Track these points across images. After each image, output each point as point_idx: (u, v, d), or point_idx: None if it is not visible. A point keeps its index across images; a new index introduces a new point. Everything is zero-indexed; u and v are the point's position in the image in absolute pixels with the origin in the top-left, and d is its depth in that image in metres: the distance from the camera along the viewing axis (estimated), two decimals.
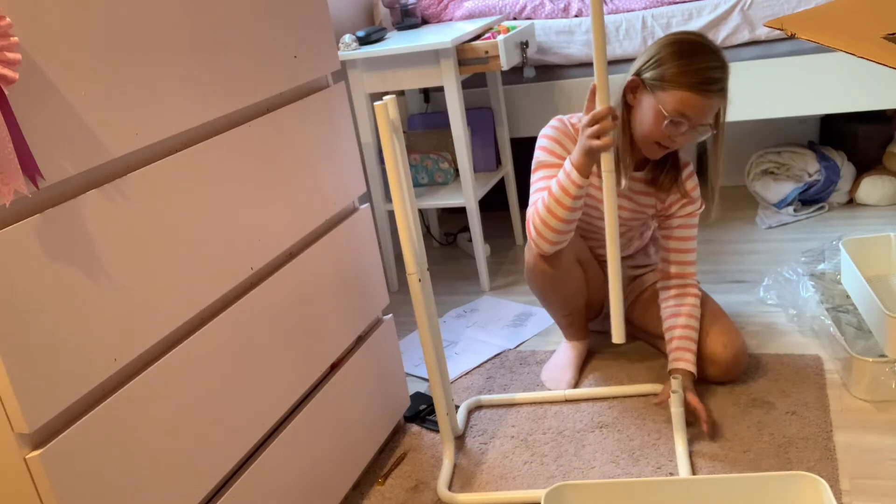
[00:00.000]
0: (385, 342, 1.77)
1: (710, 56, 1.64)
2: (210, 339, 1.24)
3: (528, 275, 1.92)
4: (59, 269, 0.98)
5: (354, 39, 2.38)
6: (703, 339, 1.82)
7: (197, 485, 1.21)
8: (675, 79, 1.62)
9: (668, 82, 1.63)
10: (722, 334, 1.82)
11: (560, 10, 2.71)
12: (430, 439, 1.83)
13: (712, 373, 1.82)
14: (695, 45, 1.64)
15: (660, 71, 1.64)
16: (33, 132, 0.94)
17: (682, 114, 1.64)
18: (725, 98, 1.67)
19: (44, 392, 0.96)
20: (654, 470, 1.61)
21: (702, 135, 1.70)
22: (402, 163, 1.58)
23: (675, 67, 1.62)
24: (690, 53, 1.63)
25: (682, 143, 1.73)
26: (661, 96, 1.64)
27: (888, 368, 1.67)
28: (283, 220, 1.43)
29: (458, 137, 2.40)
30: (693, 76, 1.62)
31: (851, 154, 2.73)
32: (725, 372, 1.82)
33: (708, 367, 1.82)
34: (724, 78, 1.64)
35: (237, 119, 1.34)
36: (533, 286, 1.94)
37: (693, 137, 1.70)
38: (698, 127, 1.67)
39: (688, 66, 1.62)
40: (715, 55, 1.64)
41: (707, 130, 1.69)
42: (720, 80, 1.63)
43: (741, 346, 1.83)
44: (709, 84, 1.62)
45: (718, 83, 1.63)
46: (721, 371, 1.81)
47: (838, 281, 2.12)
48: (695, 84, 1.61)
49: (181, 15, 1.19)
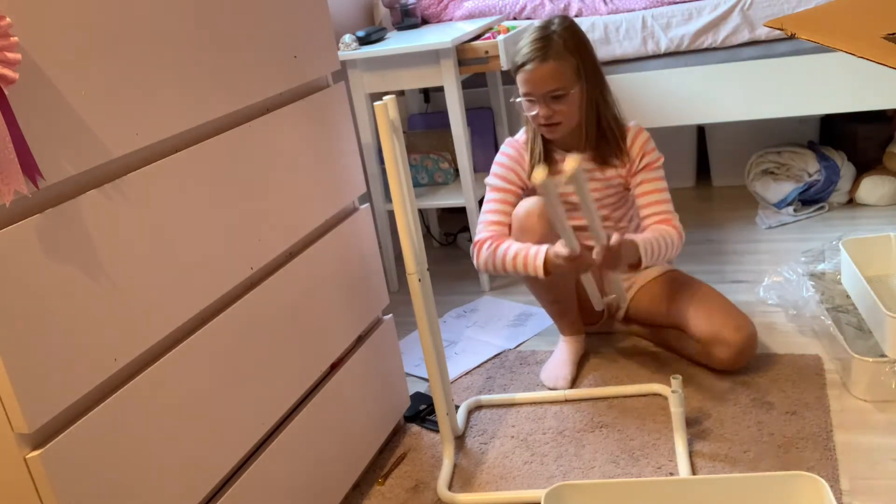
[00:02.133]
0: (385, 342, 1.77)
1: (533, 31, 1.80)
2: (210, 339, 1.24)
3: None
4: (59, 269, 0.98)
5: (354, 39, 2.38)
6: (715, 322, 1.83)
7: (197, 484, 1.21)
8: (514, 67, 1.82)
9: (514, 72, 1.83)
10: (733, 317, 1.83)
11: (560, 10, 2.71)
12: (430, 439, 1.83)
13: (723, 356, 1.82)
14: (524, 30, 1.82)
15: (513, 62, 1.83)
16: (33, 132, 0.94)
17: (525, 93, 1.82)
18: (564, 59, 1.78)
19: (44, 392, 0.96)
20: (654, 470, 1.61)
21: (563, 102, 1.79)
22: (402, 163, 1.58)
23: (514, 60, 1.82)
24: (517, 38, 1.81)
25: (548, 117, 1.81)
26: (517, 80, 1.83)
27: (888, 368, 1.67)
28: (283, 220, 1.43)
29: (458, 137, 2.41)
30: (519, 56, 1.80)
31: (851, 154, 2.73)
32: (737, 354, 1.81)
33: (719, 351, 1.82)
34: (546, 45, 1.77)
35: (237, 119, 1.34)
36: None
37: (552, 108, 1.79)
38: (548, 96, 1.79)
39: (516, 50, 1.82)
40: (539, 29, 1.80)
41: (563, 93, 1.78)
42: (542, 47, 1.77)
43: (753, 330, 1.83)
44: (531, 55, 1.77)
45: (540, 51, 1.76)
46: (733, 353, 1.81)
47: (838, 281, 2.12)
48: (520, 63, 1.79)
49: (181, 15, 1.19)
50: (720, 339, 1.81)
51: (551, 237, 1.74)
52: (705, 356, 1.87)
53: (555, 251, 1.67)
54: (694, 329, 1.86)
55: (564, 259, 1.65)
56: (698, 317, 1.86)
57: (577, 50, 1.80)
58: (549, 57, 1.76)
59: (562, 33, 1.78)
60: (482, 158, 2.75)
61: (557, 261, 1.68)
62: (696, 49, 2.57)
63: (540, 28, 1.81)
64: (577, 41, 1.80)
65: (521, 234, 1.82)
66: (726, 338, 1.81)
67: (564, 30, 1.79)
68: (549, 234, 1.77)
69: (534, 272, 1.74)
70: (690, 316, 1.87)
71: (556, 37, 1.78)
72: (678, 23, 2.55)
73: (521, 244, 1.79)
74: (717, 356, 1.83)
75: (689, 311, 1.87)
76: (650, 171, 1.88)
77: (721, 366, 1.85)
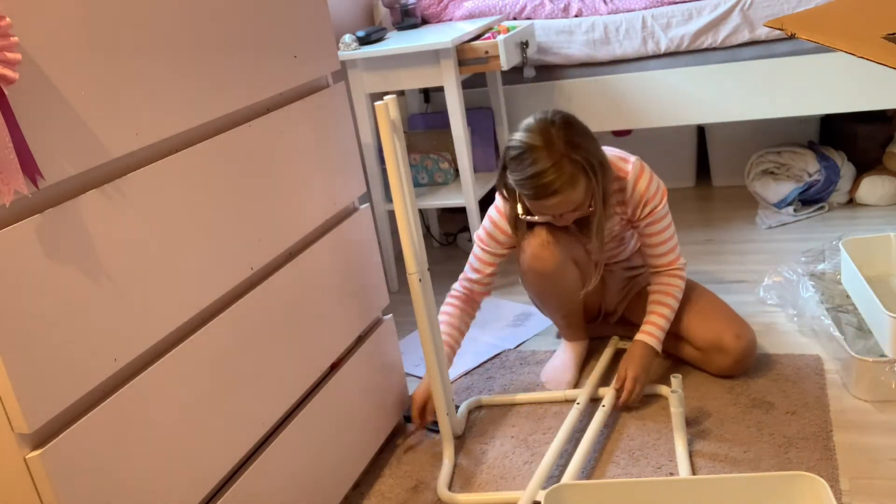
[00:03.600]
0: (385, 342, 1.77)
1: (538, 160, 1.60)
2: (210, 339, 1.24)
3: (522, 277, 1.92)
4: (59, 270, 0.98)
5: (354, 39, 2.38)
6: (715, 330, 1.82)
7: (197, 484, 1.21)
8: (519, 189, 1.68)
9: (516, 186, 1.68)
10: (734, 325, 1.82)
11: (560, 10, 2.71)
12: (430, 439, 1.83)
13: (723, 364, 1.82)
14: (523, 151, 1.62)
15: (511, 174, 1.67)
16: (33, 132, 0.94)
17: (539, 213, 1.72)
18: (575, 184, 1.62)
19: (44, 392, 0.96)
20: (654, 470, 1.61)
21: (577, 211, 1.71)
22: (402, 163, 1.58)
23: (513, 177, 1.66)
24: (519, 161, 1.63)
25: (561, 221, 1.75)
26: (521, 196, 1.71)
27: (888, 368, 1.67)
28: (283, 220, 1.43)
29: (458, 137, 2.40)
30: (527, 187, 1.64)
31: (851, 154, 2.73)
32: (736, 362, 1.81)
33: (719, 359, 1.82)
34: (556, 179, 1.59)
35: (237, 119, 1.34)
36: (528, 288, 1.94)
37: (566, 217, 1.73)
38: (566, 215, 1.71)
39: (520, 175, 1.64)
40: (542, 156, 1.60)
41: (577, 210, 1.70)
42: (552, 182, 1.60)
43: (753, 338, 1.83)
44: (543, 190, 1.62)
45: (551, 186, 1.60)
46: (732, 361, 1.81)
47: (838, 281, 2.12)
48: (531, 195, 1.65)
49: (181, 15, 1.19)
50: (720, 347, 1.81)
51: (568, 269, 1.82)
52: (704, 363, 1.87)
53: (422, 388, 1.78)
54: (693, 336, 1.86)
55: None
56: (697, 324, 1.86)
57: (587, 165, 1.62)
58: (560, 190, 1.61)
59: (566, 151, 1.60)
60: (482, 158, 2.76)
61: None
62: (696, 49, 2.57)
63: (544, 154, 1.60)
64: (583, 151, 1.62)
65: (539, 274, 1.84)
66: (726, 346, 1.81)
67: (567, 145, 1.61)
68: (563, 264, 1.82)
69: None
70: (689, 322, 1.87)
71: (565, 161, 1.60)
72: (678, 23, 2.55)
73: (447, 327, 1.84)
74: (717, 364, 1.83)
75: (688, 318, 1.87)
76: (654, 217, 1.82)
77: (720, 373, 1.85)
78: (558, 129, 1.62)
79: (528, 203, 1.70)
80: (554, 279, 1.85)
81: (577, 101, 2.72)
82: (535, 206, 1.70)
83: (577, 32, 2.65)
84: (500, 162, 1.73)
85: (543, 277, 1.85)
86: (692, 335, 1.86)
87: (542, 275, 1.84)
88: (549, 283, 1.86)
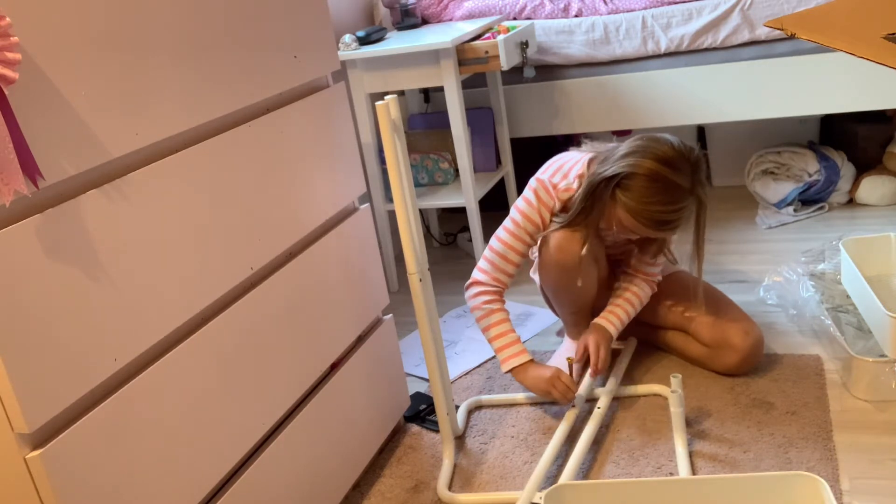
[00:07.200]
0: (385, 342, 1.77)
1: (672, 195, 1.63)
2: (210, 339, 1.24)
3: (541, 270, 1.91)
4: (59, 269, 0.98)
5: (354, 39, 2.38)
6: (722, 326, 1.83)
7: (197, 484, 1.21)
8: (633, 209, 1.65)
9: (629, 208, 1.66)
10: (741, 322, 1.83)
11: (560, 10, 2.71)
12: (430, 439, 1.83)
13: (730, 361, 1.82)
14: (661, 183, 1.62)
15: (625, 192, 1.65)
16: (33, 132, 0.94)
17: (631, 234, 1.75)
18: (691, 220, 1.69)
19: (44, 392, 0.96)
20: (654, 470, 1.61)
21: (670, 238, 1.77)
22: (403, 163, 1.58)
23: (635, 200, 1.64)
24: (653, 192, 1.63)
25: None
26: (622, 213, 1.68)
27: (888, 368, 1.67)
28: (283, 220, 1.43)
29: (458, 137, 2.41)
30: (647, 216, 1.65)
31: (851, 154, 2.73)
32: (743, 360, 1.81)
33: (726, 356, 1.82)
34: (678, 218, 1.65)
35: (237, 119, 1.34)
36: (546, 280, 1.92)
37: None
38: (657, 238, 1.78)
39: (647, 204, 1.64)
40: (676, 193, 1.63)
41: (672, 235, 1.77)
42: (680, 220, 1.66)
43: (760, 336, 1.84)
44: (661, 225, 1.66)
45: (677, 223, 1.66)
46: (740, 358, 1.81)
47: (838, 281, 2.12)
48: (647, 223, 1.66)
49: (181, 15, 1.19)
50: (727, 344, 1.81)
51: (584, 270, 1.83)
52: (711, 361, 1.86)
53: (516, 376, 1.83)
54: (700, 332, 1.86)
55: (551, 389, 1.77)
56: (705, 320, 1.86)
57: (703, 207, 1.69)
58: (680, 227, 1.69)
59: (698, 193, 1.65)
60: (482, 158, 2.76)
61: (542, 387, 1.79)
62: (696, 49, 2.57)
63: (678, 192, 1.63)
64: (704, 191, 1.68)
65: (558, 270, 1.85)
66: (734, 343, 1.81)
67: (700, 186, 1.66)
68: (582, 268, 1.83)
69: (500, 362, 1.84)
70: (697, 319, 1.87)
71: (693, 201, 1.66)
72: (678, 23, 2.55)
73: (505, 328, 1.84)
74: (724, 361, 1.83)
75: (696, 314, 1.87)
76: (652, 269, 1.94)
77: (727, 371, 1.84)
78: (696, 168, 1.65)
79: (631, 224, 1.69)
80: (575, 273, 1.84)
81: (577, 101, 2.73)
82: (635, 228, 1.70)
83: (577, 32, 2.65)
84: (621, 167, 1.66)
85: (565, 270, 1.83)
86: (699, 331, 1.86)
87: (565, 268, 1.82)
88: (570, 276, 1.85)
